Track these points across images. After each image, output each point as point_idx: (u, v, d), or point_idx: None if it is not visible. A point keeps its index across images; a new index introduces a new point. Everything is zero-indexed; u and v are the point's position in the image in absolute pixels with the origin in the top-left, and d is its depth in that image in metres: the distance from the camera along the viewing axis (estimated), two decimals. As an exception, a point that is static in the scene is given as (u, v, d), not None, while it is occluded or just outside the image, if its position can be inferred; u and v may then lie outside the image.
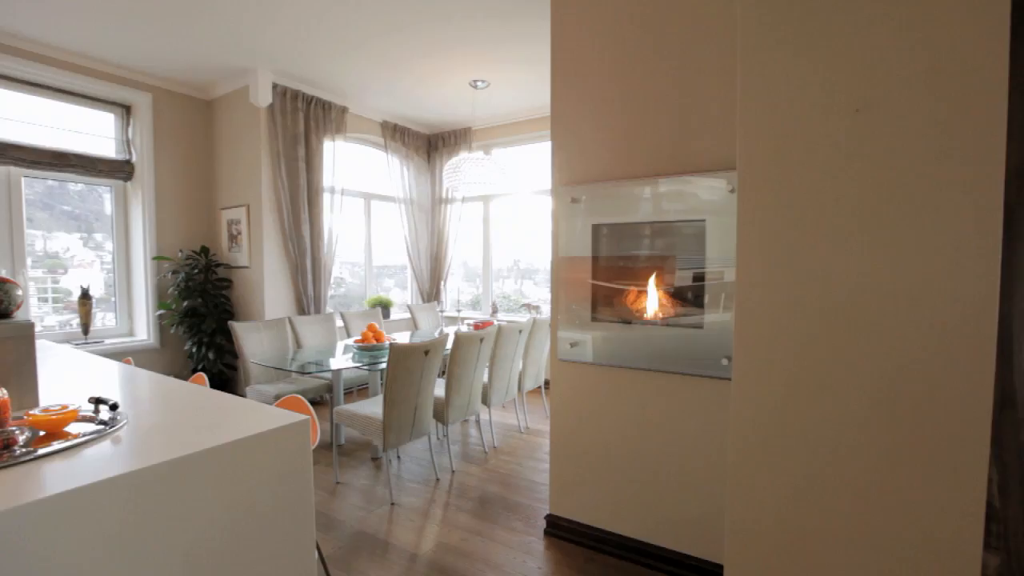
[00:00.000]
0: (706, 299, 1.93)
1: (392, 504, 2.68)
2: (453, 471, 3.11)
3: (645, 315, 2.10)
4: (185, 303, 4.16)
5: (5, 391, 1.09)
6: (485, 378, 3.43)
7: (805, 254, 1.16)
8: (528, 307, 5.01)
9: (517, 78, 4.28)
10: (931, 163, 1.02)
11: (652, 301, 2.08)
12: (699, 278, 1.96)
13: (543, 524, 2.43)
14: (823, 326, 1.14)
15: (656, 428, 2.07)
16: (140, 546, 0.97)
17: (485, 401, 3.45)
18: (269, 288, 4.29)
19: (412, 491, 2.84)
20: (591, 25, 2.18)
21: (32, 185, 3.76)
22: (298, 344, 3.82)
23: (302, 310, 4.47)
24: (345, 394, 3.85)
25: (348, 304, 5.33)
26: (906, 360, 1.06)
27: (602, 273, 2.19)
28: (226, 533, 1.11)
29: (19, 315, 1.39)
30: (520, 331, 3.56)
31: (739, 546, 1.26)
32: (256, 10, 3.13)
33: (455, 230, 5.65)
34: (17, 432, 1.07)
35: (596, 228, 2.19)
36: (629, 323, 2.13)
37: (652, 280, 2.08)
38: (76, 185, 4.03)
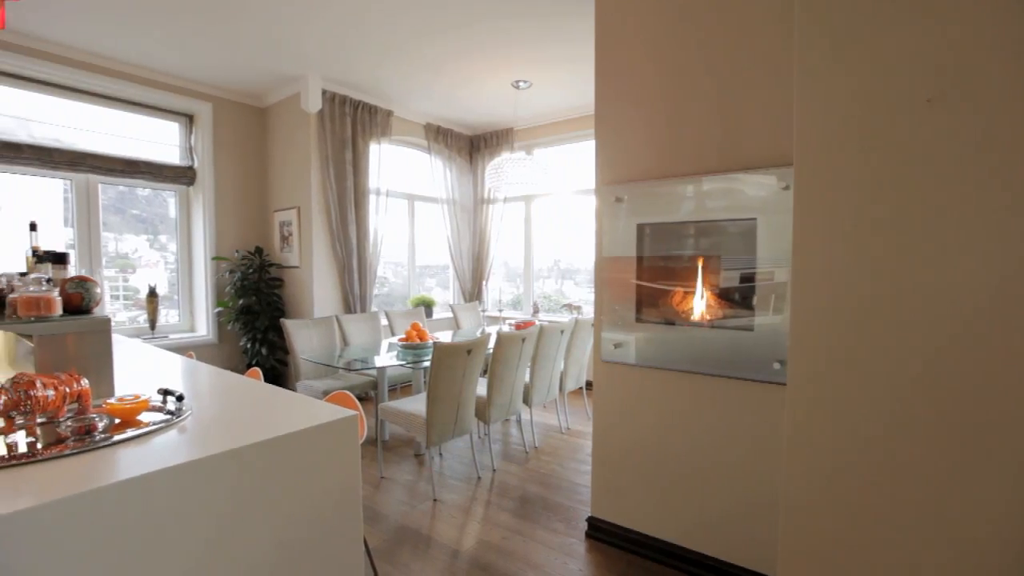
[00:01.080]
0: (756, 300, 1.86)
1: (435, 500, 2.73)
2: (494, 470, 3.12)
3: (691, 316, 2.04)
4: (240, 301, 4.37)
5: (87, 381, 1.17)
6: (527, 378, 3.44)
7: (868, 256, 1.10)
8: (570, 307, 4.98)
9: (559, 78, 4.26)
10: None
11: (699, 302, 2.03)
12: (748, 279, 1.89)
13: (584, 526, 2.41)
14: (887, 332, 1.08)
15: (702, 432, 2.02)
16: (202, 529, 1.03)
17: (526, 401, 3.46)
18: (318, 287, 4.44)
19: (454, 488, 2.88)
20: (635, 23, 2.15)
21: (106, 191, 4.05)
22: (345, 342, 3.94)
23: (348, 309, 4.61)
24: (389, 391, 3.94)
25: (391, 303, 5.45)
26: (979, 370, 0.99)
27: (647, 273, 2.15)
28: (280, 521, 1.16)
29: (97, 311, 1.49)
30: (562, 331, 3.54)
31: (793, 563, 1.21)
32: (307, 19, 3.26)
33: (497, 230, 5.68)
34: (97, 419, 1.16)
35: (640, 228, 2.15)
36: (673, 324, 2.08)
37: (699, 281, 2.03)
38: (144, 190, 4.31)
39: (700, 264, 2.04)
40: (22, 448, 1.03)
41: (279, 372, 4.54)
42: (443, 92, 4.61)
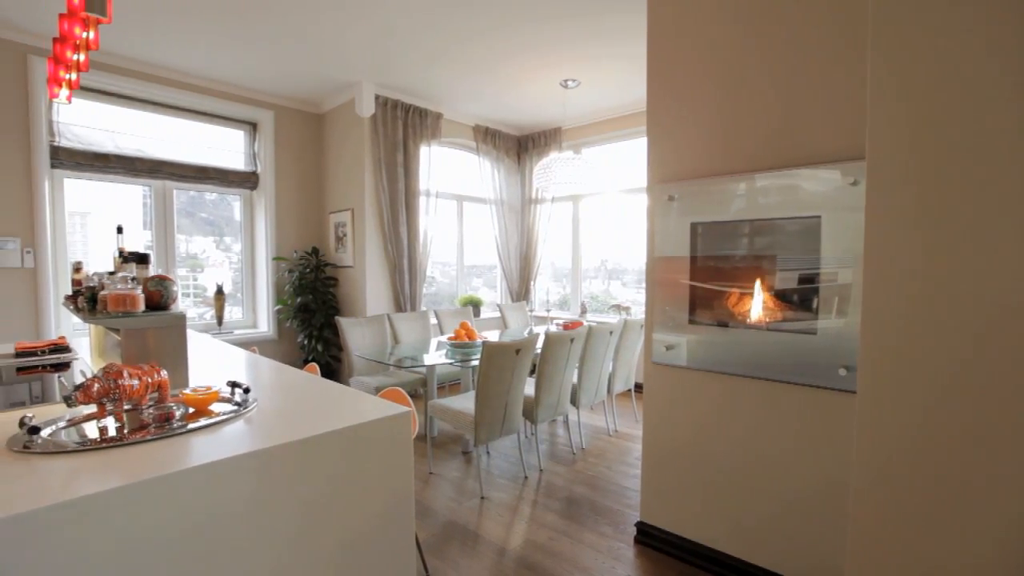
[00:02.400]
0: (819, 302, 1.76)
1: (482, 498, 2.75)
2: (541, 470, 3.12)
3: (748, 318, 1.96)
4: (298, 299, 4.57)
5: (165, 372, 1.26)
6: (574, 379, 3.41)
7: (948, 256, 1.02)
8: (618, 308, 4.90)
9: (608, 75, 4.20)
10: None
11: (756, 304, 1.95)
12: (809, 279, 1.80)
13: (633, 531, 2.37)
14: (970, 340, 1.00)
15: (759, 439, 1.94)
16: (264, 514, 1.08)
17: (574, 402, 3.43)
18: (370, 286, 4.59)
19: (501, 486, 2.90)
20: (689, 16, 2.09)
21: (179, 196, 4.34)
22: (395, 339, 4.05)
23: (399, 307, 4.73)
24: (437, 389, 4.01)
25: (438, 302, 5.55)
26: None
27: (700, 274, 2.09)
28: (338, 510, 1.20)
29: (173, 308, 1.60)
30: (611, 332, 3.49)
31: (861, 576, 1.14)
32: (360, 28, 3.37)
33: (544, 230, 5.67)
34: (174, 408, 1.24)
35: (694, 227, 2.09)
36: (726, 326, 2.01)
37: (756, 281, 1.95)
38: (211, 195, 4.59)
39: (758, 264, 1.95)
40: (112, 432, 1.12)
41: (333, 368, 4.72)
42: (492, 93, 4.65)
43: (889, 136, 1.06)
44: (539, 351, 2.99)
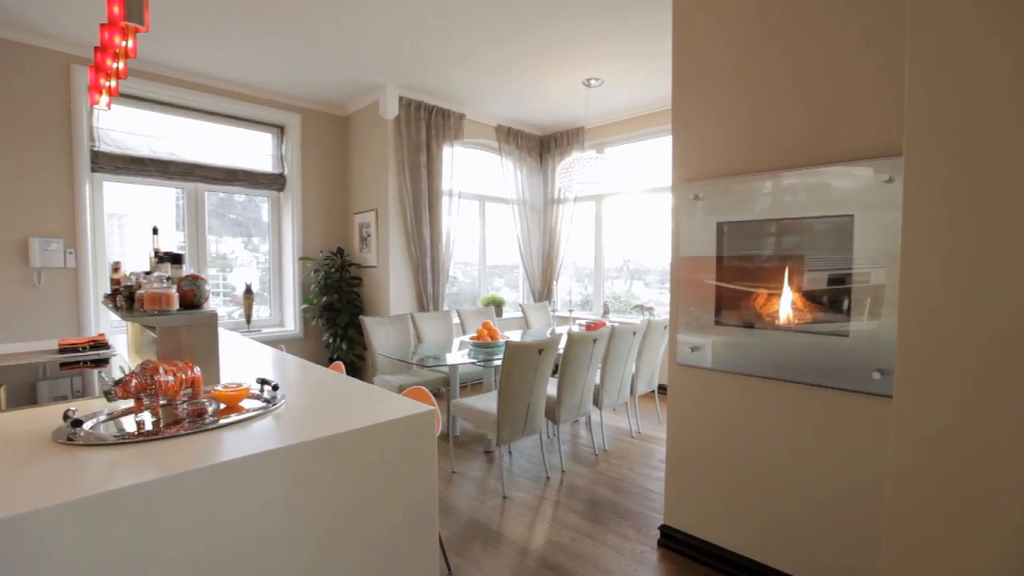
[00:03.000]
0: (851, 304, 1.71)
1: (504, 497, 2.76)
2: (563, 471, 3.11)
3: (777, 320, 1.92)
4: (324, 299, 4.65)
5: (198, 369, 1.30)
6: (597, 379, 3.39)
7: (990, 255, 0.98)
8: (641, 308, 4.85)
9: (631, 74, 4.17)
10: None
11: (785, 305, 1.90)
12: (841, 280, 1.75)
13: (656, 534, 2.34)
14: (1010, 342, 0.95)
15: (786, 443, 1.89)
16: (294, 510, 1.10)
17: (596, 403, 3.41)
18: (394, 286, 4.64)
19: (523, 487, 2.90)
20: (715, 11, 2.05)
21: (209, 197, 4.46)
22: (419, 339, 4.09)
23: (422, 307, 4.77)
24: (460, 388, 4.03)
25: (460, 302, 5.58)
26: None
27: (727, 274, 2.05)
28: (364, 506, 1.22)
29: (205, 307, 1.65)
30: (634, 333, 3.46)
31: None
32: (383, 30, 3.41)
33: (567, 230, 5.65)
34: (207, 404, 1.28)
35: (720, 226, 2.05)
36: (752, 327, 1.97)
37: (785, 282, 1.90)
38: (239, 196, 4.71)
39: (786, 264, 1.91)
40: (148, 426, 1.16)
41: (357, 366, 4.79)
42: (514, 93, 4.65)
43: (928, 133, 1.03)
44: (561, 351, 2.98)
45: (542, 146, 5.87)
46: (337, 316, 4.66)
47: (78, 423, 1.11)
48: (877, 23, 1.65)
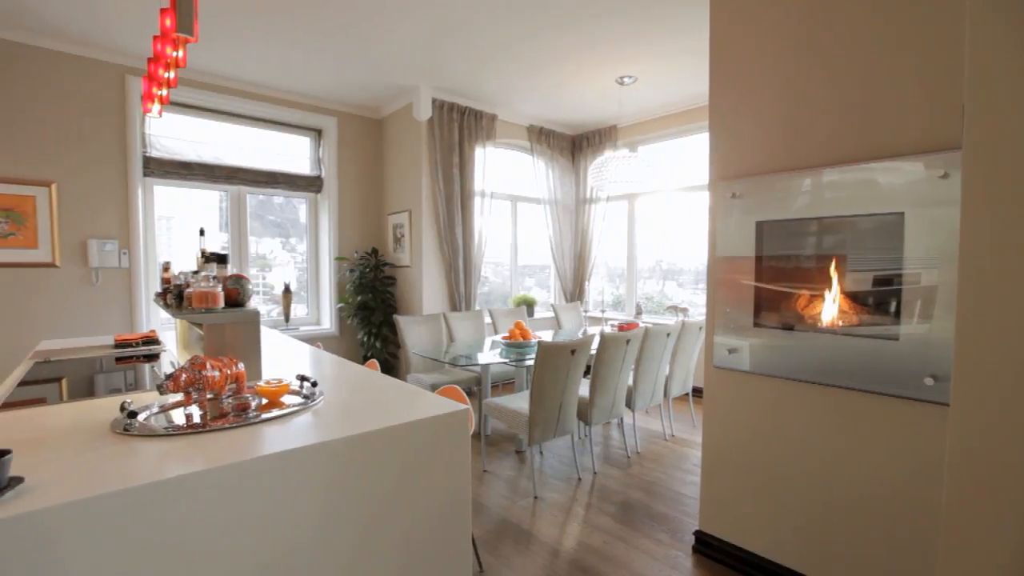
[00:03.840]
0: (901, 305, 1.63)
1: (535, 497, 2.75)
2: (595, 472, 3.08)
3: (820, 322, 1.85)
4: (359, 298, 4.76)
5: (242, 365, 1.35)
6: (630, 381, 3.35)
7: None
8: (675, 309, 4.76)
9: (665, 71, 4.09)
10: None
11: (829, 306, 1.83)
12: (888, 280, 1.67)
13: (691, 540, 2.30)
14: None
15: (830, 449, 1.82)
16: (332, 503, 1.13)
17: (629, 404, 3.37)
18: (426, 285, 4.70)
19: (554, 487, 2.89)
20: (755, 5, 1.99)
21: (249, 200, 4.63)
22: (451, 338, 4.13)
23: (454, 307, 4.82)
24: (491, 388, 4.05)
25: (491, 302, 5.60)
26: None
27: (766, 274, 1.99)
28: (399, 501, 1.24)
29: (249, 305, 1.71)
30: (668, 334, 3.40)
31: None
32: (417, 33, 3.45)
33: (599, 230, 5.60)
34: (250, 399, 1.32)
35: (759, 225, 1.99)
36: (792, 329, 1.91)
37: (831, 282, 1.83)
38: (278, 198, 4.86)
39: (830, 264, 1.84)
40: (196, 419, 1.21)
41: (391, 364, 4.88)
42: (546, 93, 4.64)
43: (990, 125, 0.97)
44: (594, 352, 2.96)
45: (574, 145, 5.84)
46: (371, 315, 4.75)
47: (133, 414, 1.17)
48: (929, 12, 1.57)
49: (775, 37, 1.95)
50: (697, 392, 4.41)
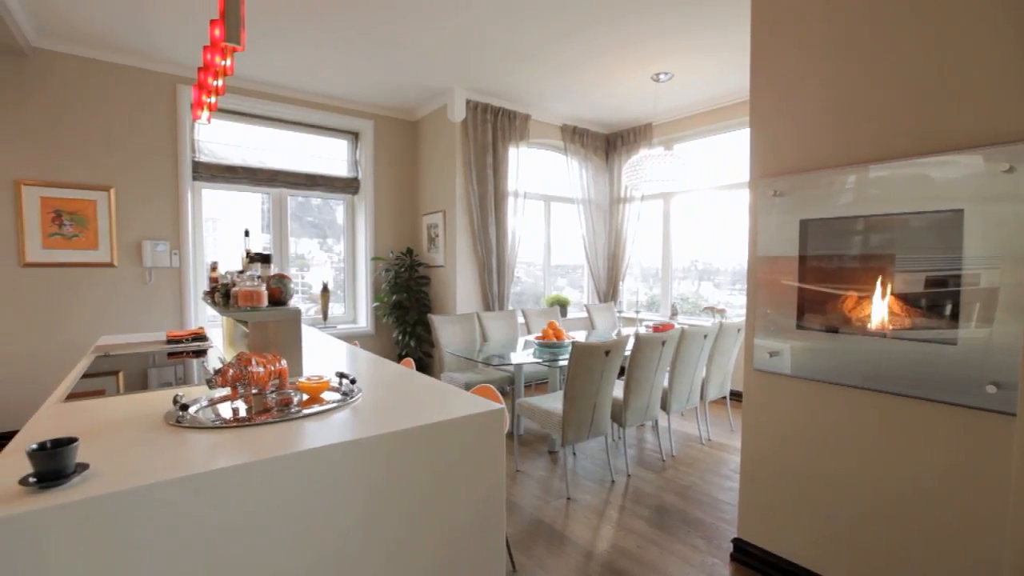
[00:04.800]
0: (960, 308, 1.55)
1: (568, 499, 2.74)
2: (629, 475, 3.04)
3: (868, 325, 1.77)
4: (393, 297, 4.84)
5: (285, 361, 1.39)
6: (665, 383, 3.29)
7: None
8: (712, 310, 4.65)
9: (703, 67, 4.00)
10: None
11: (879, 308, 1.75)
12: (945, 282, 1.58)
13: (729, 547, 2.24)
14: None
15: (880, 459, 1.74)
16: (371, 498, 1.15)
17: (664, 407, 3.31)
18: (460, 285, 4.75)
19: (587, 489, 2.87)
20: (801, -7, 1.93)
21: (289, 202, 4.78)
22: (484, 337, 4.15)
23: (487, 306, 4.85)
24: (524, 388, 4.05)
25: (523, 302, 5.61)
26: None
27: (811, 275, 1.92)
28: (437, 497, 1.25)
29: (290, 304, 1.76)
30: (705, 336, 3.33)
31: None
32: (453, 35, 3.49)
33: (633, 229, 5.53)
34: (292, 394, 1.37)
35: (804, 224, 1.92)
36: (837, 332, 1.83)
37: (879, 284, 1.75)
38: (316, 200, 5.00)
39: (880, 265, 1.76)
40: (242, 413, 1.26)
41: (425, 363, 4.94)
42: (580, 92, 4.61)
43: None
44: (628, 353, 2.92)
45: (608, 144, 5.78)
46: (406, 314, 4.83)
47: (185, 407, 1.23)
48: (993, -4, 1.48)
49: (819, 28, 1.87)
50: (735, 395, 4.29)
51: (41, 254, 3.55)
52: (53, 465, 0.86)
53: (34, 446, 0.87)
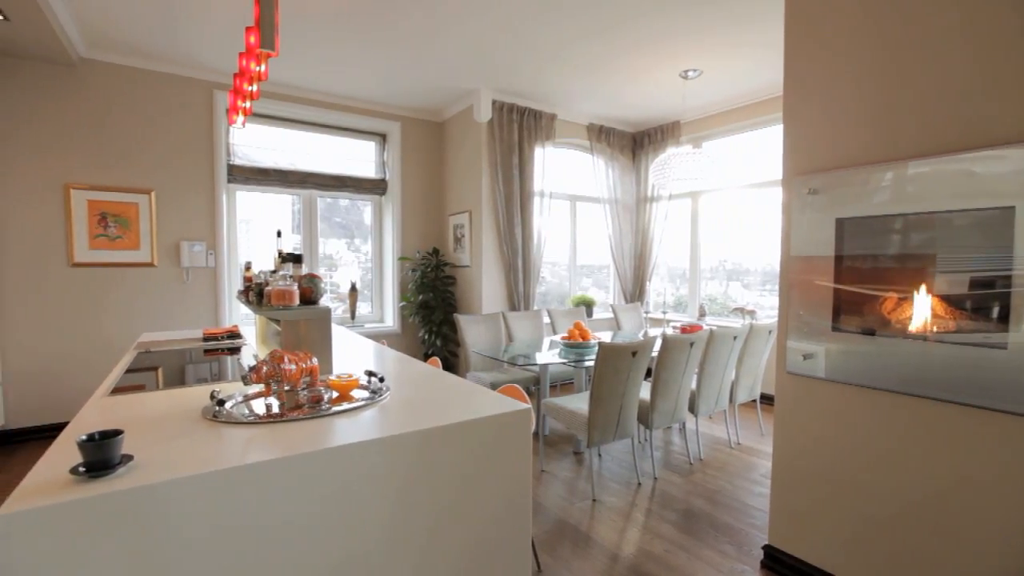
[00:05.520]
0: (1011, 310, 1.47)
1: (593, 500, 2.72)
2: (655, 477, 3.00)
3: (909, 327, 1.71)
4: (420, 297, 4.89)
5: (316, 359, 1.42)
6: (693, 385, 3.24)
7: None
8: (741, 311, 4.55)
9: (732, 63, 3.92)
10: None
11: (921, 310, 1.68)
12: (991, 283, 1.51)
13: (759, 554, 2.19)
14: None
15: (920, 466, 1.67)
16: (400, 496, 1.17)
17: (692, 409, 3.25)
18: (486, 285, 4.77)
19: (613, 491, 2.84)
20: (838, -15, 1.87)
21: (318, 203, 4.88)
22: (510, 337, 4.16)
23: (513, 306, 4.85)
24: (550, 388, 4.04)
25: (548, 302, 5.59)
26: None
27: (847, 275, 1.86)
28: (463, 497, 1.26)
29: (321, 303, 1.80)
30: (735, 337, 3.26)
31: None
32: (480, 35, 3.50)
33: (660, 229, 5.45)
34: (323, 391, 1.40)
35: (840, 223, 1.86)
36: (874, 334, 1.77)
37: (922, 285, 1.68)
38: (344, 201, 5.09)
39: (921, 265, 1.69)
40: (275, 409, 1.30)
41: (451, 363, 4.98)
42: (606, 91, 4.58)
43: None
44: (655, 354, 2.88)
45: (635, 143, 5.71)
46: (432, 313, 4.88)
47: (221, 403, 1.27)
48: (1046, -18, 1.40)
49: (854, 22, 1.81)
50: (766, 399, 4.19)
51: (88, 254, 3.72)
52: (101, 456, 0.90)
53: (83, 437, 0.91)
